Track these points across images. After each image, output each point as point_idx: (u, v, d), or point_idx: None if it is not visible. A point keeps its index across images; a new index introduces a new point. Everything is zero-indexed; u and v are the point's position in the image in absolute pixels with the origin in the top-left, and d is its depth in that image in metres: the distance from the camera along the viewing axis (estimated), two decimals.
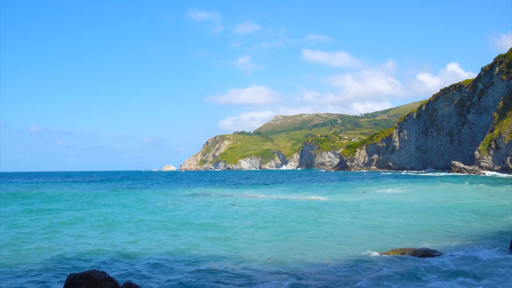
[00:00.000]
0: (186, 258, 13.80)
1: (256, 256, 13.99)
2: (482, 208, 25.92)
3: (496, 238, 16.33)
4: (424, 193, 39.82)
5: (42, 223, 22.12)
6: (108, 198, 39.14)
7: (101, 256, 14.24)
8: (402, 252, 13.71)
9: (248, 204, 31.17)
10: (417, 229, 18.89)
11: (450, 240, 16.13)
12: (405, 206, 28.37)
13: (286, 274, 11.69)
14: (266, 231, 18.98)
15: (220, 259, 13.68)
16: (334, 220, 21.98)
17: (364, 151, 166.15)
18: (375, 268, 12.09)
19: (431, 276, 11.10)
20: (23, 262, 13.40)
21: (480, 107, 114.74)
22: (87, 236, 18.23)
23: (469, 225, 19.85)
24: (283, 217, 23.39)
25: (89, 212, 26.93)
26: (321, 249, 14.90)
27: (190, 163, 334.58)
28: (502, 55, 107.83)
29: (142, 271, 12.31)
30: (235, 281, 11.06)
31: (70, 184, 72.28)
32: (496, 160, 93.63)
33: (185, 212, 26.84)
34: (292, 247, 15.40)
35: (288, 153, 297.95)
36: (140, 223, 21.93)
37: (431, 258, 12.98)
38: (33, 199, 38.13)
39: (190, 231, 19.21)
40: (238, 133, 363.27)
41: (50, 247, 15.84)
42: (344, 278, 11.21)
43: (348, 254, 14.03)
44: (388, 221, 21.69)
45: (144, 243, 16.64)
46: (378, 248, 14.73)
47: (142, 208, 29.25)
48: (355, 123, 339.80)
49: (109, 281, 8.89)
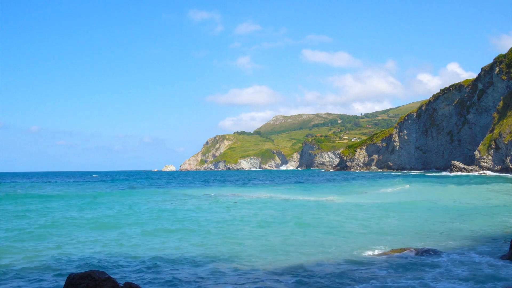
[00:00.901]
0: (187, 258, 13.79)
1: (261, 255, 13.99)
2: (482, 208, 25.91)
3: (495, 240, 16.33)
4: (424, 193, 39.81)
5: (43, 222, 22.10)
6: (110, 197, 39.16)
7: (102, 256, 14.23)
8: (402, 251, 13.71)
9: (273, 205, 31.15)
10: (417, 229, 18.88)
11: (452, 241, 16.12)
12: (404, 206, 28.36)
13: (289, 275, 11.69)
14: (278, 232, 18.98)
15: (221, 258, 13.67)
16: (334, 220, 21.96)
17: (364, 151, 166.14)
18: (375, 268, 12.09)
19: (431, 277, 11.10)
20: (22, 262, 13.39)
21: (480, 107, 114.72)
22: (88, 236, 18.22)
23: (469, 225, 19.84)
24: (283, 218, 23.42)
25: (95, 213, 26.94)
26: (320, 249, 14.89)
27: (190, 163, 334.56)
28: (502, 55, 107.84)
29: (142, 271, 12.30)
30: (237, 281, 11.05)
31: (88, 184, 72.29)
32: (496, 160, 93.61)
33: (186, 212, 26.84)
34: (292, 247, 15.39)
35: (288, 153, 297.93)
36: (139, 224, 21.93)
37: (430, 258, 12.98)
38: (41, 198, 38.12)
39: (193, 232, 19.21)
40: (238, 133, 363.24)
41: (50, 247, 15.83)
42: (344, 278, 11.20)
43: (348, 254, 14.02)
44: (387, 221, 21.69)
45: (148, 243, 16.63)
46: (378, 247, 14.74)
47: (147, 210, 29.24)
48: (355, 123, 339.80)
49: (109, 281, 8.89)
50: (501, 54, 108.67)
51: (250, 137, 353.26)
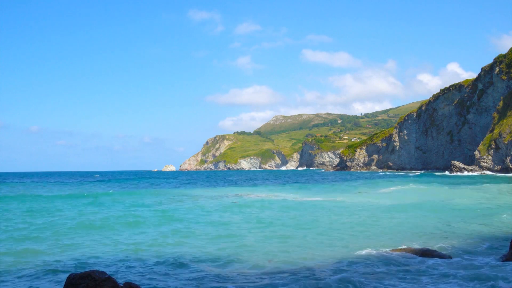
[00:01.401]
0: (188, 258, 13.79)
1: (262, 255, 13.99)
2: (482, 208, 25.91)
3: (495, 240, 16.33)
4: (424, 193, 39.82)
5: (43, 223, 22.09)
6: (108, 196, 39.17)
7: (102, 256, 14.23)
8: (402, 251, 13.71)
9: (278, 205, 31.17)
10: (417, 230, 18.88)
11: (452, 241, 16.12)
12: (404, 206, 28.36)
13: (288, 274, 11.69)
14: (279, 231, 18.99)
15: (222, 258, 13.67)
16: (334, 220, 21.97)
17: (364, 151, 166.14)
18: (374, 268, 12.09)
19: (431, 277, 11.09)
20: (22, 262, 13.38)
21: (480, 107, 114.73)
22: (88, 236, 18.22)
23: (470, 225, 19.84)
24: (283, 218, 23.45)
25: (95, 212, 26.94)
26: (320, 250, 14.90)
27: (190, 163, 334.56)
28: (502, 55, 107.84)
29: (142, 271, 12.30)
30: (237, 280, 11.05)
31: (106, 183, 72.30)
32: (496, 160, 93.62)
33: (185, 212, 26.85)
34: (291, 247, 15.39)
35: (288, 153, 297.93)
36: (140, 224, 21.94)
37: (430, 259, 12.97)
38: (45, 198, 38.13)
39: (193, 232, 19.22)
40: (238, 133, 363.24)
41: (50, 247, 15.83)
42: (342, 278, 11.19)
43: (348, 254, 14.02)
44: (387, 221, 21.69)
45: (148, 243, 16.63)
46: (377, 247, 14.75)
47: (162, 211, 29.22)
48: (355, 123, 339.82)
49: (109, 281, 8.88)
50: (501, 54, 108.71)
51: (250, 137, 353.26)
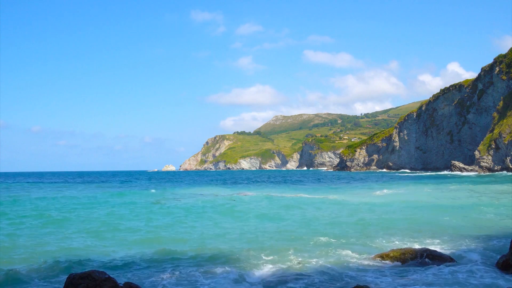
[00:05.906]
0: (188, 258, 13.81)
1: (261, 255, 14.00)
2: (482, 208, 25.91)
3: (496, 240, 16.35)
4: (424, 193, 39.83)
5: (43, 222, 22.11)
6: (106, 195, 39.21)
7: (101, 256, 14.24)
8: (400, 252, 13.71)
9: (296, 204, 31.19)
10: (416, 230, 18.88)
11: (452, 241, 16.14)
12: (403, 206, 28.34)
13: (287, 274, 11.71)
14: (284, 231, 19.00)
15: (222, 258, 13.68)
16: (334, 220, 21.98)
17: (364, 151, 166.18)
18: (373, 268, 12.11)
19: (431, 278, 11.11)
20: (22, 263, 13.39)
21: (480, 107, 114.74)
22: (88, 236, 18.24)
23: (470, 226, 19.85)
24: (283, 218, 23.48)
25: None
26: (319, 249, 14.91)
27: (190, 163, 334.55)
28: (502, 55, 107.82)
29: (143, 271, 12.31)
30: (239, 280, 11.06)
31: (127, 184, 72.24)
32: (496, 160, 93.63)
33: (186, 212, 26.88)
34: (291, 247, 15.41)
35: (288, 153, 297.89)
36: (140, 224, 21.97)
37: (430, 259, 12.99)
38: (54, 199, 38.15)
39: (193, 233, 19.23)
40: (238, 133, 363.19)
41: (50, 247, 15.84)
42: (340, 279, 11.21)
43: (348, 254, 14.03)
44: (387, 221, 21.68)
45: (146, 243, 16.65)
46: (377, 247, 14.75)
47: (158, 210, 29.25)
48: (355, 123, 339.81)
49: (109, 281, 8.91)
50: (501, 54, 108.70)
51: (250, 137, 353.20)
